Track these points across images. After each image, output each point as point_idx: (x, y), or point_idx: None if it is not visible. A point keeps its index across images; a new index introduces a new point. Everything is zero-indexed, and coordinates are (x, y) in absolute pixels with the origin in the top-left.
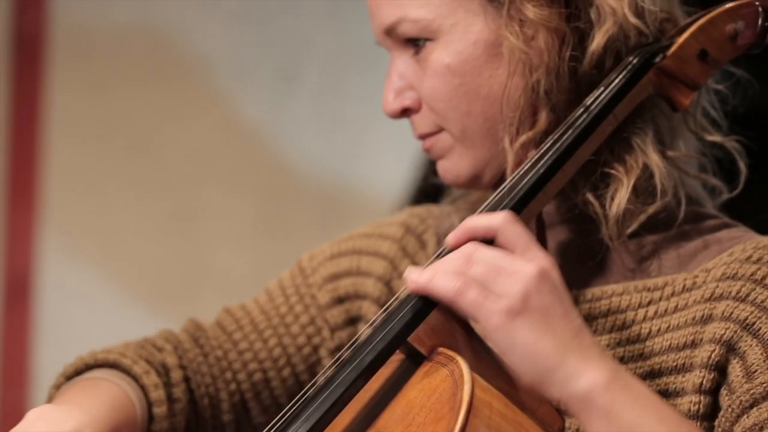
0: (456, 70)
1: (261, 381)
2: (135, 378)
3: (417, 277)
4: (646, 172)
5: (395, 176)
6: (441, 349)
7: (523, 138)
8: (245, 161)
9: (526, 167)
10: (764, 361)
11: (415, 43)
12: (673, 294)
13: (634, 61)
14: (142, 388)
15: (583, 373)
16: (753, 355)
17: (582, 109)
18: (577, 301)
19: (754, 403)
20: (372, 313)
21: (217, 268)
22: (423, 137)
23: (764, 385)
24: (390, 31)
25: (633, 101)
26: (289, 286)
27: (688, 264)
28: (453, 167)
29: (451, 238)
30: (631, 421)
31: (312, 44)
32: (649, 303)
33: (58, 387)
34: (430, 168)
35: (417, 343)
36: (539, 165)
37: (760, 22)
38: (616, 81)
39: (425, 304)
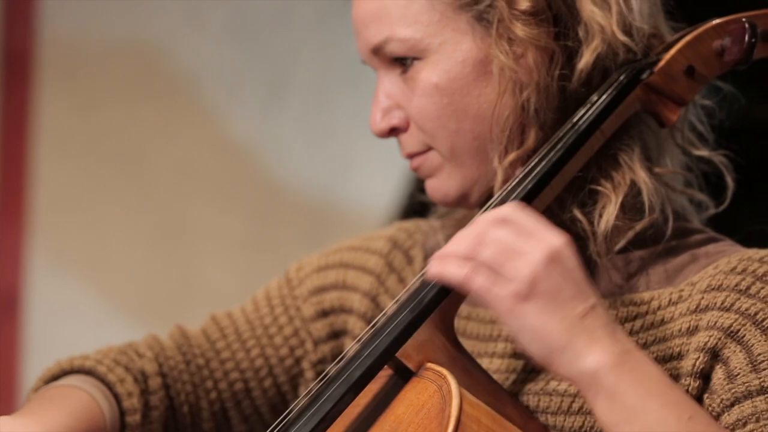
0: (445, 89)
1: (242, 390)
2: (109, 386)
3: (430, 267)
4: (634, 189)
5: (383, 191)
6: (429, 365)
7: (512, 156)
8: (234, 176)
9: (513, 183)
10: (747, 365)
11: (402, 62)
12: (659, 308)
13: (621, 77)
14: (116, 396)
15: (590, 353)
16: (736, 360)
17: (569, 126)
18: None
19: (735, 402)
20: (358, 328)
21: (206, 283)
22: (411, 156)
23: (746, 384)
24: (377, 51)
25: (620, 117)
26: (275, 297)
27: (674, 279)
28: (441, 186)
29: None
30: (634, 403)
31: (300, 60)
32: (636, 317)
33: (36, 390)
34: (418, 185)
35: (405, 359)
36: (526, 181)
37: (746, 38)
38: (604, 97)
39: (414, 318)
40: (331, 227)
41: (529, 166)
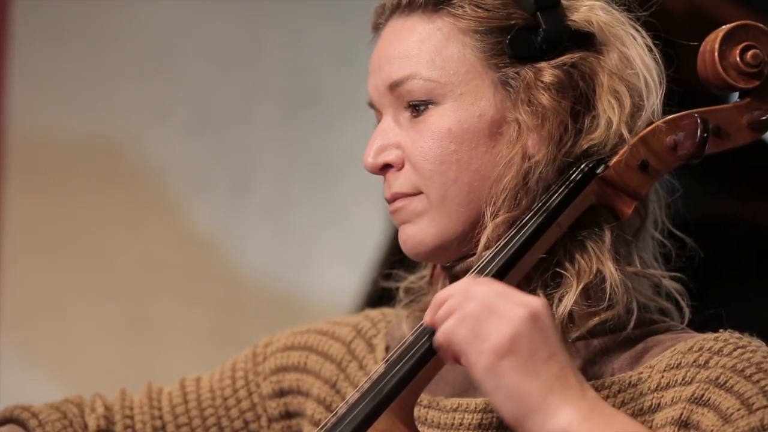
0: (455, 136)
1: None
2: None
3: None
4: (599, 277)
5: (346, 284)
6: None
7: (501, 217)
8: (199, 270)
9: (474, 272)
10: (718, 420)
11: (415, 108)
12: (620, 391)
13: (578, 171)
14: None
15: (562, 412)
16: (707, 421)
17: (529, 215)
18: None
19: None
20: (316, 413)
21: (171, 376)
22: (396, 198)
23: None
24: (395, 86)
25: (576, 210)
26: (239, 369)
27: (634, 365)
28: (419, 233)
29: (427, 316)
30: None
31: (264, 155)
32: (609, 395)
33: None
34: (381, 271)
35: None
36: (486, 272)
37: (699, 133)
38: (561, 191)
39: (373, 408)
40: (295, 320)
41: (489, 255)
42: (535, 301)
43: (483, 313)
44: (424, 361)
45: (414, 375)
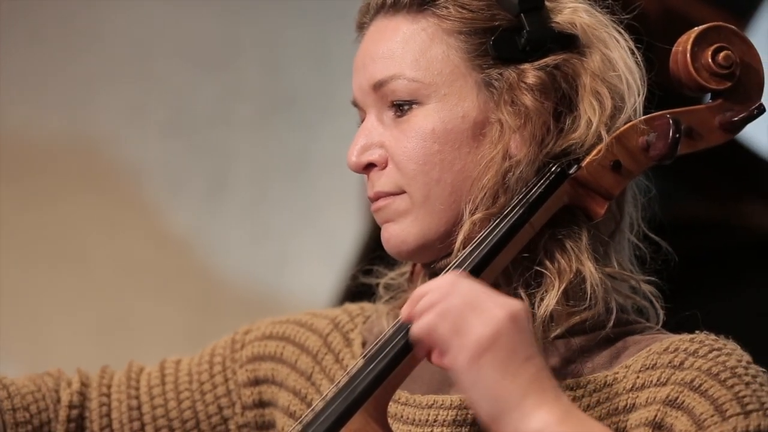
0: (439, 136)
1: None
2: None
3: (403, 311)
4: (579, 277)
5: (323, 284)
6: None
7: (479, 215)
8: (175, 270)
9: (448, 270)
10: (692, 425)
11: (399, 107)
12: (595, 390)
13: (551, 172)
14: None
15: (538, 414)
16: (680, 425)
17: (503, 214)
18: None
19: None
20: (289, 403)
21: None
22: (379, 197)
23: None
24: (379, 86)
25: (549, 211)
26: (218, 354)
27: (611, 365)
28: (401, 232)
29: (405, 311)
30: None
31: (240, 156)
32: (573, 400)
33: None
34: (360, 267)
35: None
36: (460, 270)
37: (671, 133)
38: (534, 191)
39: (346, 408)
40: None
41: (462, 256)
42: (516, 304)
43: (465, 309)
44: (401, 357)
45: (389, 372)
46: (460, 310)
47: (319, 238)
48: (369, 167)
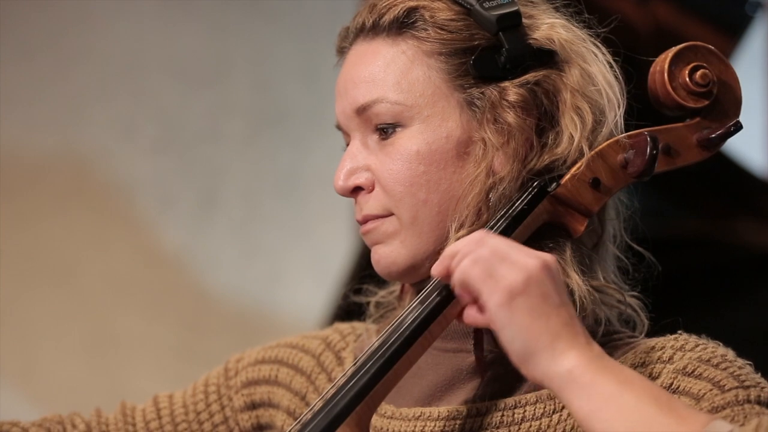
0: (424, 158)
1: None
2: None
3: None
4: (567, 290)
5: (314, 301)
6: None
7: (463, 232)
8: (166, 287)
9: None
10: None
11: (383, 130)
12: None
13: (530, 189)
14: None
15: (568, 356)
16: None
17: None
18: (494, 409)
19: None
20: (285, 424)
21: (138, 393)
22: (367, 220)
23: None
24: (362, 111)
25: (529, 229)
26: (212, 384)
27: None
28: (391, 254)
29: (436, 268)
30: (612, 390)
31: (231, 173)
32: (563, 408)
33: None
34: (351, 286)
35: None
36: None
37: (648, 151)
38: (514, 208)
39: (328, 425)
40: (263, 337)
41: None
42: (547, 255)
43: (495, 258)
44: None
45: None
46: (490, 258)
47: (309, 254)
48: (356, 191)
